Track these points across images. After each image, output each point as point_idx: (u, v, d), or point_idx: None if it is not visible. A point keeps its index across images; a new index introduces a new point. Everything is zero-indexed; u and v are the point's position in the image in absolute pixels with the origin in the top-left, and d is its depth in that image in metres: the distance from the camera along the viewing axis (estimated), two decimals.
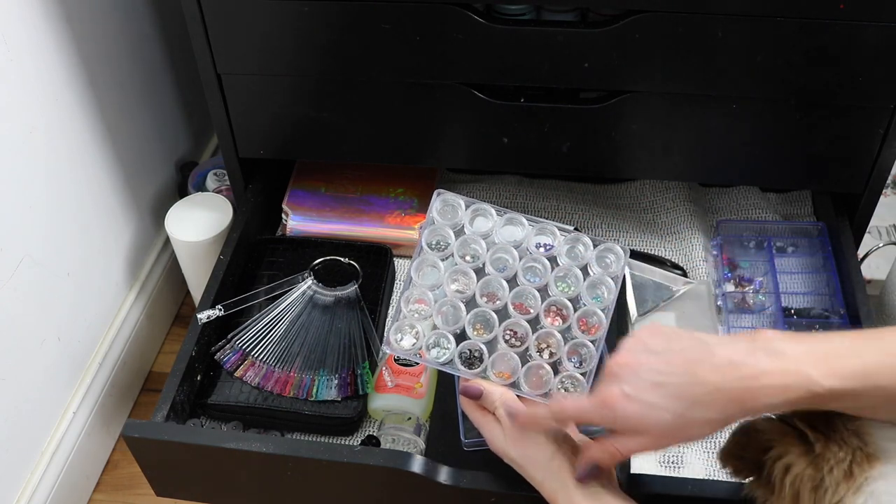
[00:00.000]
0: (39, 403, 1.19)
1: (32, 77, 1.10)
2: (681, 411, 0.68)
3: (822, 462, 0.67)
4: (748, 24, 0.95)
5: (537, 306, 0.88)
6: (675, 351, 0.71)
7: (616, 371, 0.72)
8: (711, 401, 0.67)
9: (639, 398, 0.70)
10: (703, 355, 0.69)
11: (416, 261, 0.91)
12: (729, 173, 1.15)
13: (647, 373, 0.70)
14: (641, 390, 0.70)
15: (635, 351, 0.73)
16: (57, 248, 1.19)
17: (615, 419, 0.72)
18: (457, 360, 0.87)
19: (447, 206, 0.93)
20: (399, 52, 1.03)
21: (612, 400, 0.71)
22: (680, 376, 0.69)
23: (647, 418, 0.70)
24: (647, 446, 0.72)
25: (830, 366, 0.65)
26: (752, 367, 0.66)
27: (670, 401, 0.69)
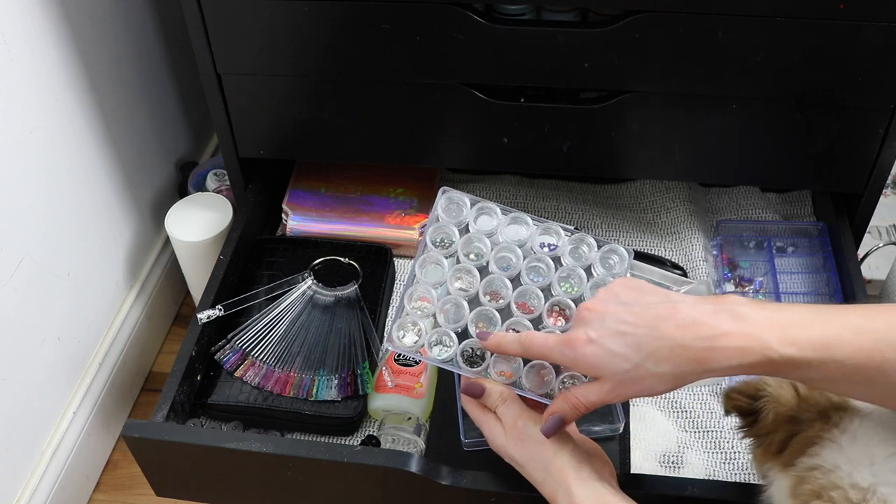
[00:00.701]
0: (39, 403, 1.19)
1: (32, 77, 1.10)
2: (638, 361, 0.70)
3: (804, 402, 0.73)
4: (748, 24, 0.95)
5: (540, 306, 0.88)
6: (643, 304, 0.73)
7: (584, 316, 0.75)
8: (669, 356, 0.69)
9: (601, 343, 0.73)
10: (669, 312, 0.71)
11: (420, 258, 0.91)
12: (729, 173, 1.15)
13: (613, 321, 0.73)
14: (604, 336, 0.73)
15: (606, 300, 0.75)
16: (57, 248, 1.19)
17: (575, 360, 0.75)
18: (458, 359, 0.87)
19: (452, 204, 0.93)
20: (399, 52, 1.03)
21: (576, 341, 0.74)
22: (643, 328, 0.71)
23: (606, 364, 0.72)
24: (605, 395, 0.74)
25: (789, 334, 0.66)
26: (714, 327, 0.68)
27: (630, 350, 0.71)
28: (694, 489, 0.85)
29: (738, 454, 0.99)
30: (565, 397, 0.77)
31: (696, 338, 0.68)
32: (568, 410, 0.77)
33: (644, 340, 0.70)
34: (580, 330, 0.75)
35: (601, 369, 0.73)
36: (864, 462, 0.67)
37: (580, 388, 0.77)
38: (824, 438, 0.70)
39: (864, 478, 0.66)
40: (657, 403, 1.05)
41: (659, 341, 0.70)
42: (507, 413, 0.82)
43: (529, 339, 0.80)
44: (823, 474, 0.68)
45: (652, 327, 0.70)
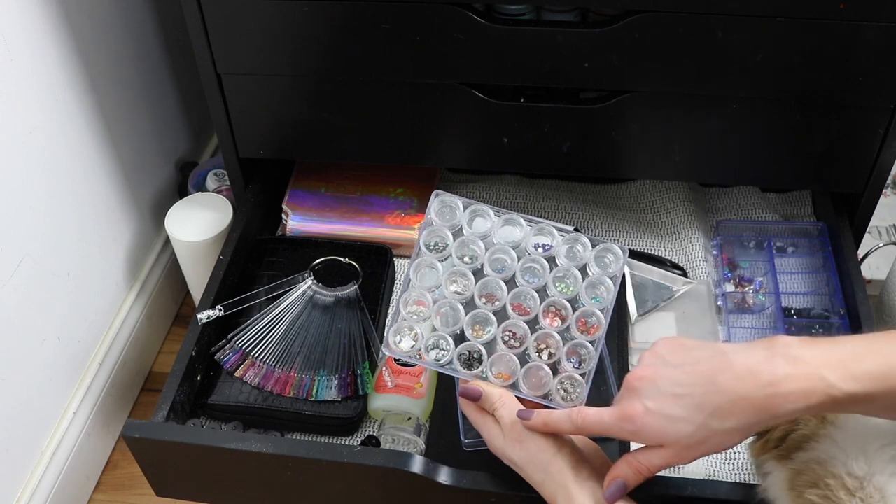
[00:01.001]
0: (39, 403, 1.19)
1: (32, 77, 1.10)
2: (702, 421, 0.69)
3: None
4: (748, 24, 0.95)
5: (536, 307, 0.88)
6: (694, 362, 0.71)
7: (636, 385, 0.73)
8: (733, 410, 0.68)
9: (660, 411, 0.71)
10: (722, 365, 0.69)
11: (415, 262, 0.91)
12: (729, 173, 1.15)
13: (667, 385, 0.71)
14: (662, 403, 0.71)
15: (654, 364, 0.73)
16: (57, 248, 1.19)
17: (636, 433, 0.73)
18: (456, 362, 0.87)
19: (445, 207, 0.93)
20: (399, 52, 1.03)
21: (634, 414, 0.72)
22: (700, 387, 0.69)
23: (669, 431, 0.71)
24: (670, 459, 0.73)
25: (848, 370, 0.66)
26: (772, 374, 0.67)
27: (691, 412, 0.69)
28: (694, 489, 0.85)
29: (738, 454, 0.99)
30: (628, 461, 0.75)
31: (756, 387, 0.67)
32: (630, 475, 0.75)
33: (703, 399, 0.69)
34: (635, 401, 0.72)
35: (664, 437, 0.71)
36: (858, 453, 0.69)
37: (644, 453, 0.74)
38: (819, 434, 0.71)
39: (860, 467, 0.68)
40: None
41: (718, 397, 0.68)
42: (506, 415, 0.82)
43: (582, 416, 0.77)
44: (820, 465, 0.70)
45: (708, 384, 0.69)
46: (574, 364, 0.87)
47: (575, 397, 0.86)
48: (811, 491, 0.69)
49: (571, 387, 0.87)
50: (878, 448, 0.70)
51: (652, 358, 0.74)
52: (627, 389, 0.74)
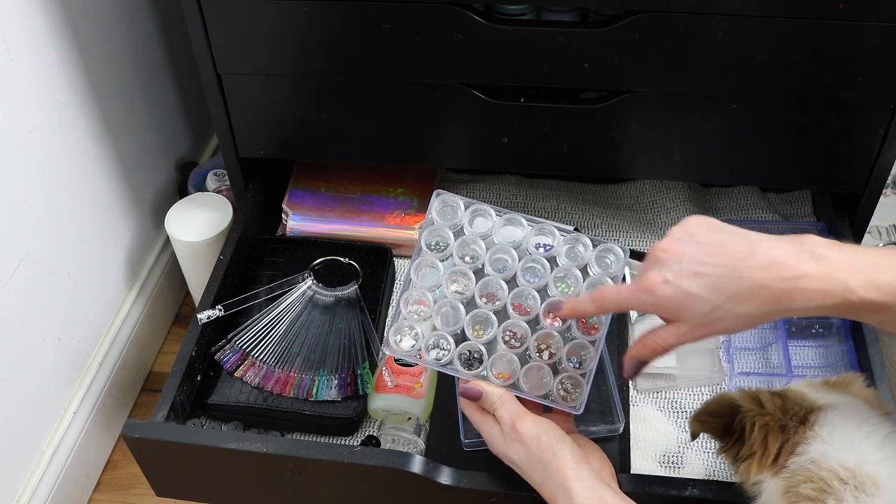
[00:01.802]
0: (39, 403, 1.19)
1: (32, 77, 1.10)
2: (718, 302, 0.69)
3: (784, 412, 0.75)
4: (748, 24, 0.95)
5: (537, 307, 0.88)
6: (720, 243, 0.71)
7: (659, 256, 0.73)
8: (750, 296, 0.68)
9: (678, 285, 0.71)
10: (747, 251, 0.70)
11: (416, 262, 0.91)
12: (729, 173, 1.15)
13: (689, 262, 0.71)
14: (682, 278, 0.71)
15: (680, 239, 0.73)
16: (57, 248, 1.19)
17: (654, 304, 0.73)
18: (456, 362, 0.87)
19: (446, 207, 0.93)
20: (399, 52, 1.03)
21: (653, 285, 0.72)
22: (721, 268, 0.70)
23: (685, 306, 0.71)
24: (683, 336, 0.73)
25: (869, 277, 0.66)
26: (794, 268, 0.67)
27: (709, 291, 0.70)
28: (694, 489, 0.85)
29: None
30: (643, 342, 0.77)
31: (776, 278, 0.68)
32: (647, 353, 0.77)
33: (723, 281, 0.69)
34: (655, 272, 0.72)
35: (680, 312, 0.72)
36: (847, 446, 0.71)
37: (658, 331, 0.75)
38: (809, 436, 0.73)
39: (850, 459, 0.70)
40: (657, 403, 1.05)
41: (739, 282, 0.68)
42: (506, 415, 0.82)
43: (602, 295, 0.78)
44: (814, 463, 0.71)
45: (731, 267, 0.69)
46: (574, 364, 0.87)
47: (575, 397, 0.86)
48: (806, 485, 0.70)
49: (572, 387, 0.87)
50: (864, 437, 0.71)
51: (680, 232, 0.74)
52: (651, 260, 0.74)
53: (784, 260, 0.68)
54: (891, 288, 0.66)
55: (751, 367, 1.08)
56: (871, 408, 0.76)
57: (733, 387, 1.05)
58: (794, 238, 0.70)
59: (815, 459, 0.71)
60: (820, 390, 0.79)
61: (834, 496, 0.68)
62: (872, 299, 0.66)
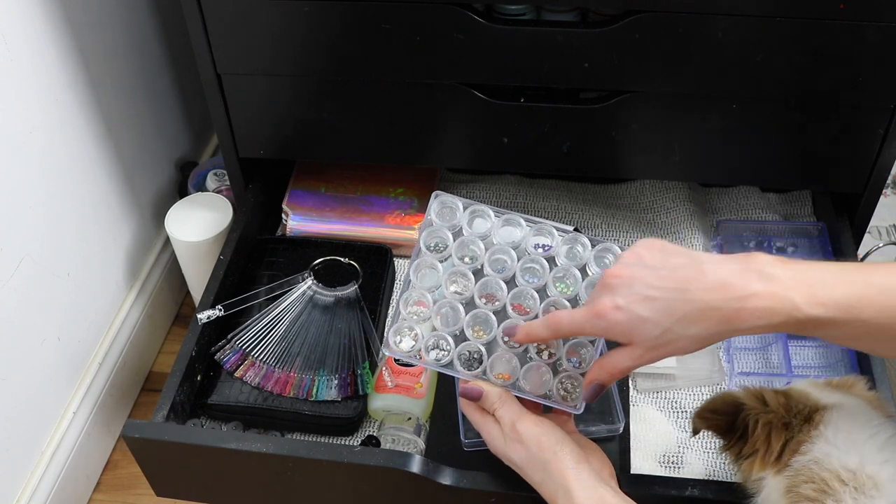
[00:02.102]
0: (39, 403, 1.19)
1: (32, 77, 1.10)
2: (668, 325, 0.71)
3: (787, 410, 0.76)
4: (748, 24, 0.95)
5: (536, 307, 0.88)
6: (670, 267, 0.72)
7: (610, 283, 0.74)
8: (700, 317, 0.69)
9: (629, 310, 0.72)
10: (696, 274, 0.71)
11: (415, 262, 0.91)
12: (729, 173, 1.15)
13: (640, 286, 0.72)
14: (633, 302, 0.72)
15: (630, 264, 0.75)
16: (57, 248, 1.19)
17: (606, 329, 0.74)
18: (456, 362, 0.87)
19: (445, 208, 0.93)
20: (399, 52, 1.03)
21: (604, 311, 0.73)
22: (671, 292, 0.71)
23: (637, 330, 0.72)
24: (636, 359, 0.74)
25: (815, 294, 0.67)
26: (742, 288, 0.68)
27: (660, 314, 0.71)
28: (694, 489, 0.85)
29: None
30: (600, 365, 0.78)
31: (725, 299, 0.69)
32: (605, 377, 0.78)
33: (673, 305, 0.70)
34: (606, 298, 0.74)
35: (632, 336, 0.73)
36: (849, 447, 0.71)
37: (612, 355, 0.77)
38: (813, 435, 0.73)
39: (852, 460, 0.70)
40: (657, 404, 1.05)
41: (689, 304, 0.70)
42: (506, 415, 0.82)
43: (556, 320, 0.79)
44: (817, 464, 0.71)
45: (680, 290, 0.70)
46: (574, 364, 0.87)
47: (575, 397, 0.86)
48: (807, 485, 0.70)
49: (572, 386, 0.87)
50: (867, 439, 0.72)
51: (630, 257, 0.76)
52: (602, 286, 0.75)
53: (732, 280, 0.69)
54: (836, 304, 0.67)
55: (751, 367, 1.08)
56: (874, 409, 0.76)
57: (733, 387, 1.05)
58: (742, 257, 0.71)
59: (817, 459, 0.71)
60: (824, 390, 0.79)
61: (833, 497, 0.68)
62: (818, 315, 0.67)
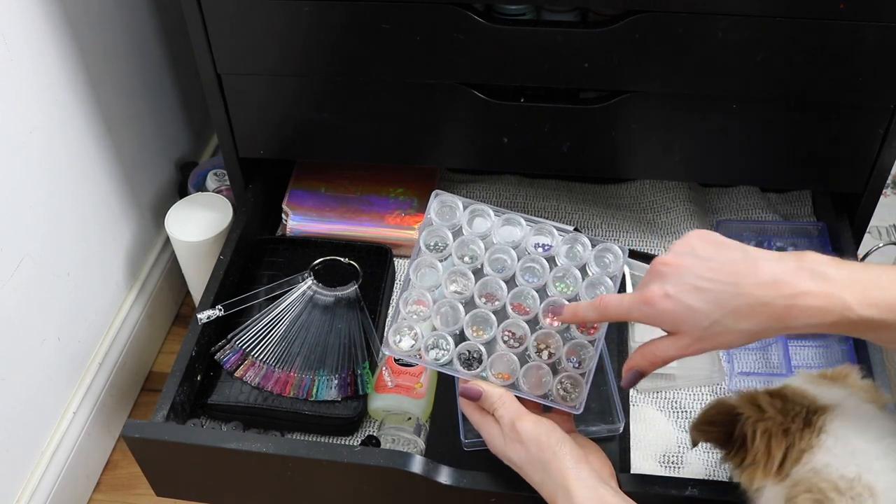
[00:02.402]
0: (39, 403, 1.19)
1: (32, 77, 1.10)
2: (718, 318, 0.70)
3: (784, 414, 0.74)
4: (748, 24, 0.95)
5: (536, 307, 0.88)
6: (722, 260, 0.72)
7: (661, 270, 0.74)
8: (751, 313, 0.69)
9: (679, 299, 0.71)
10: (749, 268, 0.70)
11: (415, 262, 0.91)
12: (729, 173, 1.15)
13: (691, 276, 0.72)
14: (683, 292, 0.71)
15: (682, 253, 0.74)
16: (57, 248, 1.19)
17: (655, 316, 0.74)
18: (456, 362, 0.87)
19: (445, 207, 0.93)
20: (399, 52, 1.03)
21: (654, 298, 0.73)
22: (723, 285, 0.70)
23: (686, 320, 0.72)
24: (682, 349, 0.74)
25: (869, 295, 0.66)
26: (794, 285, 0.68)
27: (710, 306, 0.70)
28: (694, 489, 0.85)
29: None
30: (643, 352, 0.77)
31: (777, 296, 0.68)
32: (646, 365, 0.77)
33: (724, 297, 0.70)
34: (656, 285, 0.73)
35: (680, 325, 0.73)
36: (848, 456, 0.70)
37: (658, 343, 0.76)
38: (814, 445, 0.72)
39: (850, 469, 0.69)
40: (657, 403, 1.05)
41: (740, 298, 0.69)
42: (505, 415, 0.82)
43: (604, 303, 0.79)
44: (816, 474, 0.70)
45: (733, 284, 0.70)
46: (574, 364, 0.87)
47: (574, 397, 0.86)
48: (804, 496, 0.69)
49: (571, 386, 0.87)
50: (865, 447, 0.71)
51: (682, 246, 0.75)
52: (652, 273, 0.75)
53: (785, 277, 0.68)
54: (889, 305, 0.66)
55: (751, 367, 1.08)
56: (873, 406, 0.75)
57: (733, 387, 1.05)
58: (795, 255, 0.70)
59: (816, 469, 0.71)
60: (820, 385, 0.78)
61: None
62: (871, 317, 0.66)
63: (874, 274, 0.68)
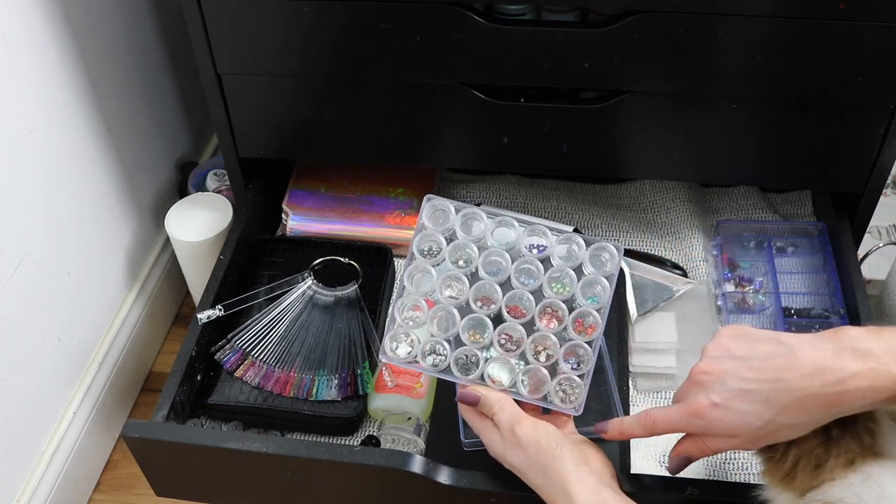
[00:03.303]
0: (39, 403, 1.19)
1: (32, 77, 1.10)
2: (770, 416, 0.70)
3: (833, 447, 0.70)
4: (748, 24, 0.95)
5: (532, 309, 0.88)
6: (760, 357, 0.71)
7: (702, 380, 0.73)
8: (801, 407, 0.69)
9: (727, 406, 0.71)
10: (790, 361, 0.69)
11: (409, 268, 0.91)
12: (729, 173, 1.15)
13: (734, 380, 0.71)
14: (729, 398, 0.71)
15: (719, 358, 0.73)
16: (57, 248, 1.19)
17: (705, 427, 0.73)
18: (453, 367, 0.87)
19: (437, 212, 0.93)
20: (399, 52, 1.03)
21: (702, 410, 0.73)
22: (767, 383, 0.70)
23: (739, 424, 0.72)
24: (738, 447, 0.74)
25: None
26: (841, 370, 0.67)
27: (759, 407, 0.70)
28: (694, 489, 0.85)
29: (738, 454, 0.99)
30: (695, 441, 0.77)
31: (824, 384, 0.67)
32: (695, 451, 0.77)
33: (772, 395, 0.69)
34: (702, 396, 0.73)
35: (734, 430, 0.72)
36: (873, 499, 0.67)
37: (714, 441, 0.75)
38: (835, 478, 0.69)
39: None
40: (657, 404, 1.05)
41: (788, 395, 0.69)
42: (504, 419, 0.82)
43: (652, 420, 0.78)
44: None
45: (776, 380, 0.69)
46: (572, 365, 0.87)
47: (573, 398, 0.86)
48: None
49: (570, 388, 0.87)
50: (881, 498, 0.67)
51: (717, 349, 0.74)
52: (693, 383, 0.74)
53: (827, 364, 0.68)
54: None
55: None
56: None
57: None
58: (832, 336, 0.69)
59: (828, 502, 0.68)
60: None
61: None
62: None
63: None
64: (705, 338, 1.06)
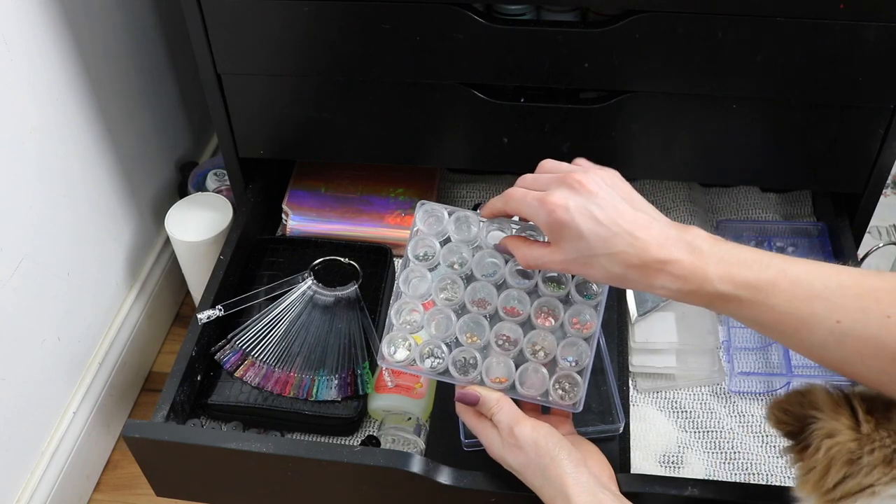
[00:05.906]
0: (39, 403, 1.19)
1: (32, 77, 1.10)
2: (597, 252, 0.75)
3: (867, 442, 0.65)
4: (748, 24, 0.95)
5: (527, 309, 0.88)
6: (625, 207, 0.76)
7: (573, 185, 0.76)
8: (625, 261, 0.74)
9: (574, 218, 0.75)
10: (642, 223, 0.74)
11: (404, 273, 0.91)
12: (729, 173, 1.15)
13: (595, 206, 0.75)
14: (581, 214, 0.75)
15: (600, 183, 0.77)
16: (56, 249, 1.19)
17: (545, 221, 0.77)
18: (451, 368, 0.87)
19: (430, 217, 0.93)
20: (399, 52, 1.03)
21: (553, 206, 0.76)
22: (613, 227, 0.74)
23: (569, 238, 0.76)
24: (552, 263, 0.79)
25: (730, 272, 0.71)
26: (670, 252, 0.73)
27: (595, 239, 0.74)
28: (694, 489, 0.85)
29: (738, 454, 0.99)
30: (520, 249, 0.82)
31: (653, 258, 0.73)
32: (519, 257, 0.82)
33: (613, 240, 0.74)
34: (562, 193, 0.76)
35: (560, 240, 0.77)
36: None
37: (535, 246, 0.81)
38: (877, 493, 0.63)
39: None
40: (657, 403, 1.05)
41: (623, 246, 0.73)
42: (503, 420, 0.82)
43: (510, 194, 0.82)
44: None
45: (627, 233, 0.74)
46: (570, 362, 0.87)
47: (573, 395, 0.86)
48: None
49: (569, 385, 0.87)
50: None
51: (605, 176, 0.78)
52: (563, 181, 0.77)
53: (666, 243, 0.73)
54: (746, 284, 0.70)
55: (751, 367, 1.08)
56: None
57: (733, 387, 1.05)
58: (683, 227, 0.75)
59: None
60: None
61: None
62: (725, 292, 0.70)
63: (745, 255, 0.72)
64: (705, 338, 1.07)
